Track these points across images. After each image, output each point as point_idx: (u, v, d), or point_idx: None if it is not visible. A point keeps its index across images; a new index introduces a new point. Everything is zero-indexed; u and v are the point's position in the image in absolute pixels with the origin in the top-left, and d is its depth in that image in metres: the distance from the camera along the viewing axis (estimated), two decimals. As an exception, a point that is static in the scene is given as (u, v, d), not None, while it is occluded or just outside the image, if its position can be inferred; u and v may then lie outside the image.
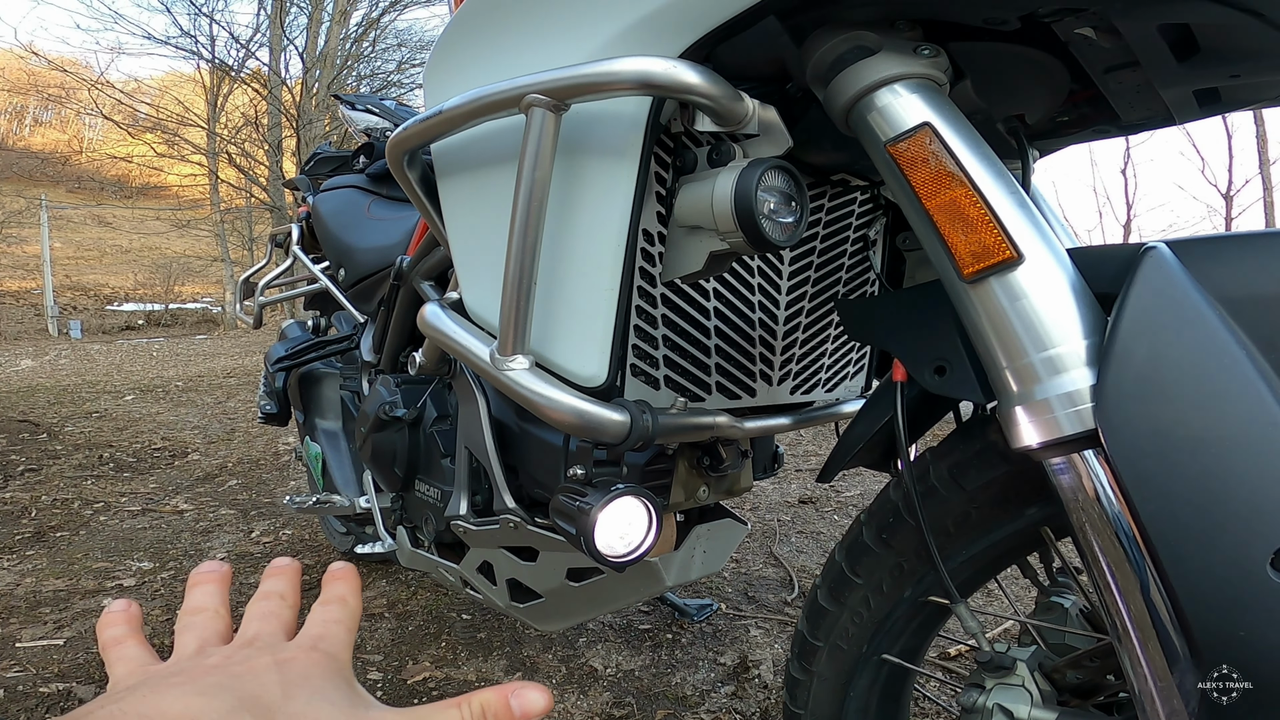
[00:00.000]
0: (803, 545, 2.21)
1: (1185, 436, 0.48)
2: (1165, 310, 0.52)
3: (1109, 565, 0.53)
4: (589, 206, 0.74)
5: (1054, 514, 0.66)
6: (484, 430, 1.03)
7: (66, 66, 14.65)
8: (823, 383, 1.06)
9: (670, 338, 0.84)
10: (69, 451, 3.62)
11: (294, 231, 1.91)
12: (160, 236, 17.81)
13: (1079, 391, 0.53)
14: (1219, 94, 0.76)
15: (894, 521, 0.74)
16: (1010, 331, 0.57)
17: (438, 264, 1.17)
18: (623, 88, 0.66)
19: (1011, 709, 0.64)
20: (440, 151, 0.87)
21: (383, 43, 13.99)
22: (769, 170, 0.67)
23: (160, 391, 5.74)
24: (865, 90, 0.64)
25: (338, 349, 1.68)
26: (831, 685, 0.83)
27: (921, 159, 0.61)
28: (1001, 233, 0.57)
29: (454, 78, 0.83)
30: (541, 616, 1.12)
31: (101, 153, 20.27)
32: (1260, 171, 10.40)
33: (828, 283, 1.03)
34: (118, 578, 2.04)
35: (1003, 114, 0.84)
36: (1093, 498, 0.53)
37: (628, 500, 0.78)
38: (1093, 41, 0.65)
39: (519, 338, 0.73)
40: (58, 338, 11.82)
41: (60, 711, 1.38)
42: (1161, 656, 0.52)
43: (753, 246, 0.66)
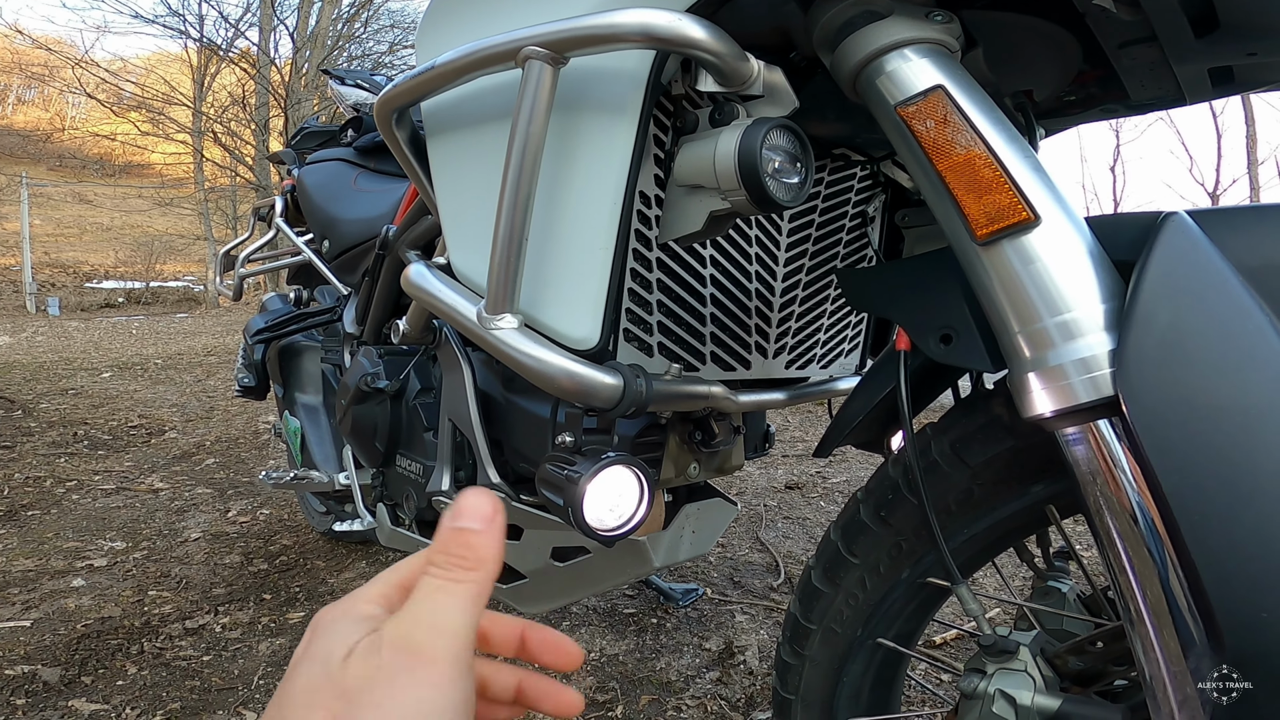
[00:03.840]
0: (789, 531, 2.19)
1: (1209, 404, 0.46)
2: (1188, 275, 0.50)
3: (1123, 543, 0.51)
4: (585, 164, 0.71)
5: (1061, 491, 0.63)
6: (469, 402, 1.00)
7: (51, 45, 14.42)
8: (818, 358, 1.04)
9: (665, 303, 0.81)
10: (43, 429, 3.55)
11: (277, 204, 1.86)
12: (142, 215, 17.58)
13: (1095, 357, 0.51)
14: (1233, 74, 0.74)
15: (893, 499, 0.72)
16: (1024, 295, 0.54)
17: (425, 233, 1.13)
18: (625, 40, 0.63)
19: (1014, 695, 0.62)
20: (431, 110, 0.84)
21: (375, 23, 13.88)
22: (774, 129, 0.65)
23: (139, 369, 5.65)
24: (875, 54, 0.62)
25: (319, 321, 1.64)
26: (824, 670, 0.81)
27: (933, 121, 0.59)
28: (1018, 194, 0.55)
29: (448, 34, 0.80)
30: (525, 598, 1.09)
31: (85, 130, 19.98)
32: (1248, 171, 10.51)
33: (825, 256, 1.01)
34: (89, 557, 1.99)
35: (1011, 89, 0.82)
36: (1108, 469, 0.51)
37: (619, 470, 0.75)
38: (1110, 14, 0.63)
39: (508, 296, 0.70)
40: (35, 315, 11.65)
41: (26, 695, 1.34)
42: (1176, 641, 0.50)
43: (755, 206, 0.64)
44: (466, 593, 0.31)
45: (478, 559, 0.32)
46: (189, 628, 1.61)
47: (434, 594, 0.31)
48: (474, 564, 0.32)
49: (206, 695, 1.37)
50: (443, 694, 0.29)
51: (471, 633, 0.31)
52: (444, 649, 0.29)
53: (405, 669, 0.29)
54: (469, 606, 0.31)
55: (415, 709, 0.28)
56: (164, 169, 18.86)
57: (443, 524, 0.33)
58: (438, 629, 0.30)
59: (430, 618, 0.30)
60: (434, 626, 0.30)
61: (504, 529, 0.33)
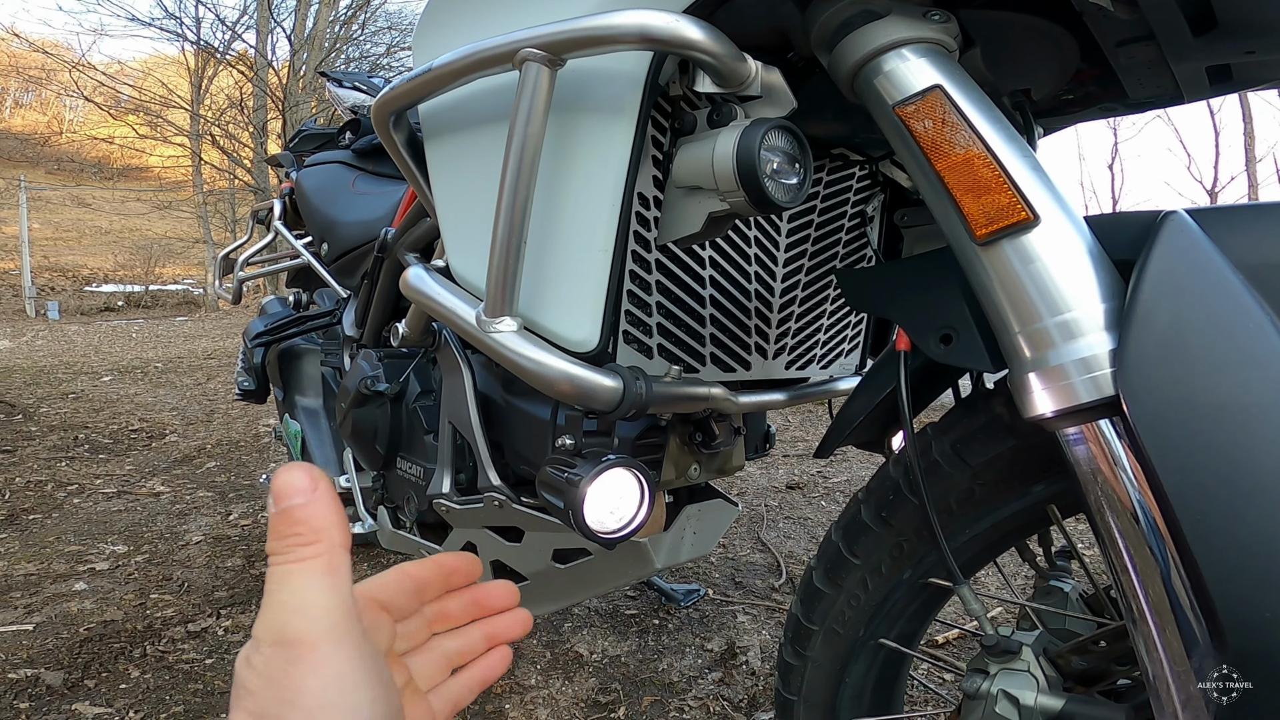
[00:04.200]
0: (790, 531, 2.19)
1: (1211, 403, 0.46)
2: (1188, 273, 0.49)
3: (1125, 542, 0.51)
4: (583, 166, 0.71)
5: (1062, 491, 0.63)
6: (469, 404, 1.00)
7: (48, 49, 14.42)
8: (818, 358, 1.04)
9: (665, 305, 0.81)
10: (44, 433, 3.55)
11: (276, 207, 1.86)
12: (141, 218, 17.58)
13: (1096, 357, 0.51)
14: (1231, 71, 0.74)
15: (894, 499, 0.72)
16: (1024, 295, 0.54)
17: (423, 235, 1.13)
18: (622, 41, 0.63)
19: (1017, 695, 0.62)
20: (429, 113, 0.83)
21: (372, 25, 13.87)
22: (772, 130, 0.64)
23: (139, 373, 5.65)
24: (872, 54, 0.62)
25: (319, 324, 1.64)
26: (826, 671, 0.80)
27: (931, 120, 0.59)
28: (1017, 194, 0.55)
29: (445, 36, 0.80)
30: (526, 599, 1.08)
31: (82, 134, 19.98)
32: (1246, 169, 10.50)
33: (824, 257, 1.00)
34: (90, 561, 1.99)
35: (1009, 88, 0.82)
36: (1109, 469, 0.51)
37: (619, 472, 0.75)
38: (1108, 12, 0.63)
39: (507, 299, 0.70)
40: (35, 319, 11.63)
41: (29, 699, 1.34)
42: (1179, 641, 0.50)
43: (754, 207, 0.64)
44: (317, 567, 0.30)
45: (313, 530, 0.31)
46: (191, 631, 1.61)
47: (285, 579, 0.30)
48: (311, 536, 0.31)
49: (209, 698, 1.37)
50: (334, 672, 0.29)
51: (343, 604, 0.30)
52: (315, 629, 0.29)
53: (285, 660, 0.28)
54: (326, 579, 0.30)
55: (319, 696, 0.28)
56: (162, 172, 18.84)
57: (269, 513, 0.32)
58: (302, 611, 0.29)
59: (292, 602, 0.29)
60: (298, 610, 0.29)
61: (332, 494, 0.32)
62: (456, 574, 0.42)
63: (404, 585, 0.40)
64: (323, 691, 0.28)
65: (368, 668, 0.30)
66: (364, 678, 0.29)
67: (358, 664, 0.29)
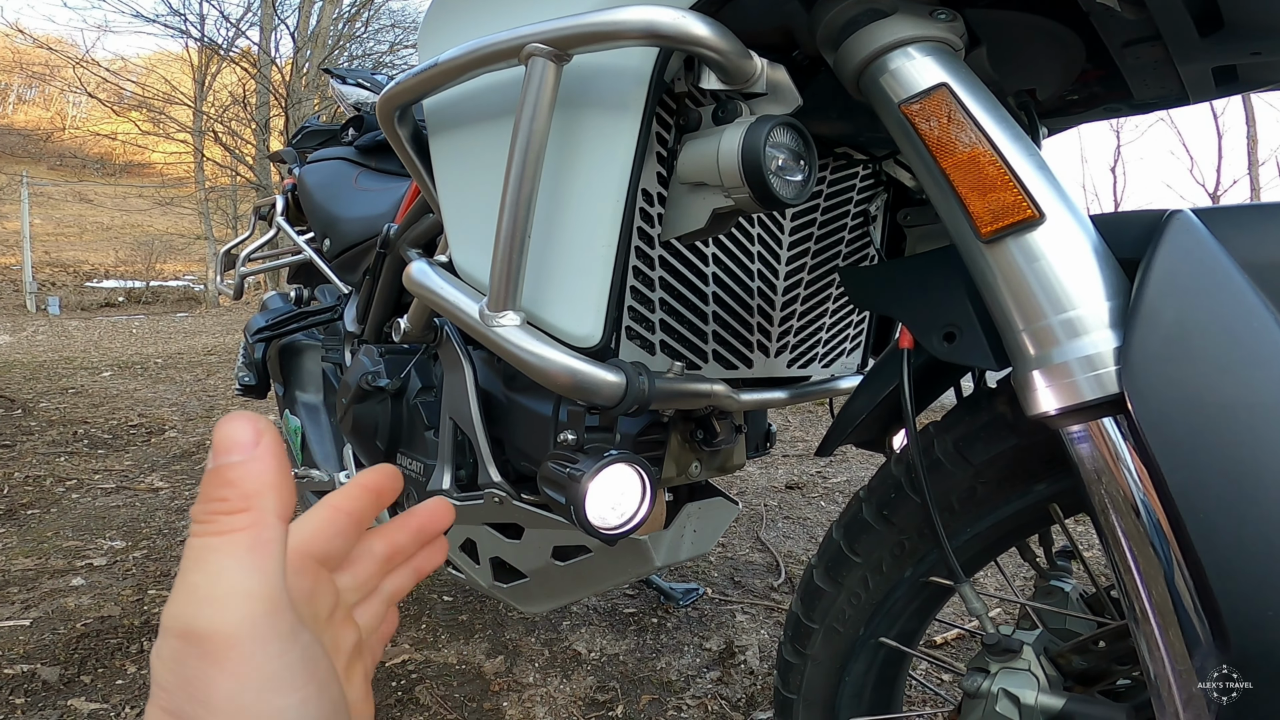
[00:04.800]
0: (789, 531, 2.19)
1: (1215, 402, 0.46)
2: (1193, 272, 0.49)
3: (1128, 541, 0.51)
4: (587, 161, 0.71)
5: (1064, 490, 0.63)
6: (470, 400, 1.00)
7: (52, 45, 14.43)
8: (819, 357, 1.04)
9: (668, 301, 0.81)
10: (43, 428, 3.55)
11: (278, 203, 1.86)
12: (143, 214, 17.58)
13: (1100, 354, 0.51)
14: (1236, 73, 0.74)
15: (896, 497, 0.72)
16: (1028, 293, 0.54)
17: (426, 231, 1.13)
18: (628, 37, 0.63)
19: (1018, 694, 0.62)
20: (433, 108, 0.83)
21: (376, 23, 13.89)
22: (777, 127, 0.64)
23: (139, 368, 5.65)
24: (878, 52, 0.62)
25: (320, 320, 1.64)
26: (826, 669, 0.80)
27: (937, 119, 0.59)
28: (1022, 192, 0.55)
29: (450, 31, 0.80)
30: (525, 597, 1.09)
31: (85, 130, 19.98)
32: (1249, 172, 10.50)
33: (827, 255, 1.00)
34: (88, 556, 1.99)
35: (1014, 88, 0.82)
36: (1113, 467, 0.51)
37: (621, 468, 0.75)
38: (1115, 13, 0.63)
39: (510, 293, 0.70)
40: (35, 314, 11.64)
41: (25, 695, 1.34)
42: (1181, 640, 0.50)
43: (759, 203, 0.64)
44: (240, 543, 0.25)
45: (243, 495, 0.25)
46: (189, 627, 1.61)
47: (202, 557, 0.25)
48: (241, 503, 0.25)
49: (206, 694, 1.36)
50: (254, 673, 0.24)
51: (268, 589, 0.25)
52: (231, 622, 0.24)
53: (196, 656, 0.24)
54: (249, 558, 0.25)
55: (235, 700, 0.24)
56: (164, 168, 18.85)
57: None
58: (216, 599, 0.24)
59: (205, 586, 0.24)
60: (211, 597, 0.24)
61: (278, 453, 0.27)
62: (384, 492, 0.37)
63: (337, 524, 0.34)
64: (240, 694, 0.24)
65: (297, 664, 0.25)
66: (292, 677, 0.25)
67: (284, 661, 0.24)
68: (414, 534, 0.39)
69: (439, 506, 0.40)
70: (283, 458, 0.27)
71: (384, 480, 0.37)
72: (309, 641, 0.26)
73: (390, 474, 0.37)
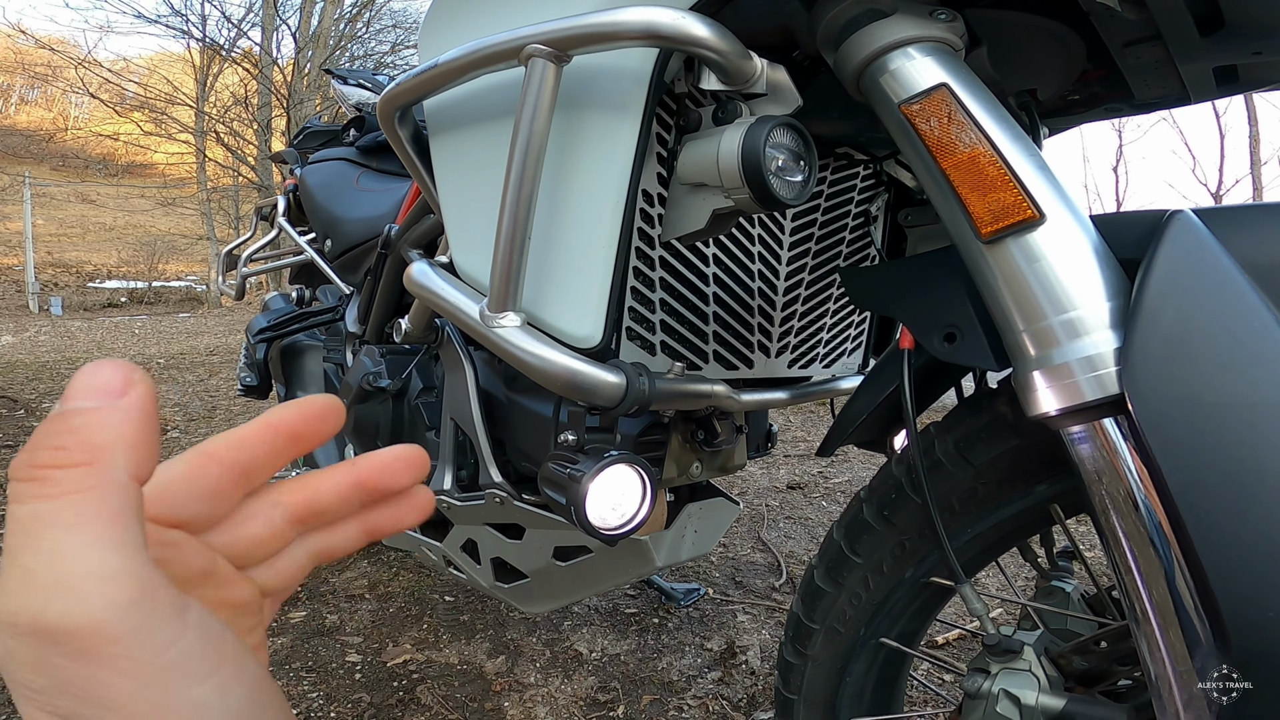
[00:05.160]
0: (791, 531, 2.19)
1: (1216, 402, 0.46)
2: (1194, 272, 0.49)
3: (1129, 541, 0.51)
4: (587, 162, 0.71)
5: (1065, 491, 0.63)
6: (471, 401, 1.00)
7: (54, 45, 14.45)
8: (820, 358, 1.04)
9: (668, 302, 0.81)
10: (46, 427, 3.55)
11: (280, 203, 1.86)
12: (145, 215, 17.61)
13: (1101, 355, 0.51)
14: (1238, 72, 0.74)
15: (897, 498, 0.72)
16: (1029, 293, 0.54)
17: (426, 232, 1.13)
18: (628, 38, 0.63)
19: (1018, 695, 0.62)
20: (434, 109, 0.84)
21: (377, 23, 13.90)
22: (777, 127, 0.64)
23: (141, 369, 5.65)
24: (878, 52, 0.62)
25: (322, 320, 1.64)
26: (826, 669, 0.80)
27: (937, 119, 0.59)
28: (1022, 192, 0.55)
29: (451, 32, 0.80)
30: (526, 597, 1.09)
31: (88, 130, 20.03)
32: (1251, 172, 10.47)
33: (828, 256, 1.00)
34: (91, 554, 1.99)
35: (1015, 88, 0.82)
36: (1114, 467, 0.50)
37: (621, 468, 0.75)
38: (1115, 13, 0.63)
39: (510, 294, 0.70)
40: (38, 314, 11.66)
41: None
42: (1182, 641, 0.49)
43: (759, 204, 0.64)
44: (84, 508, 0.19)
45: (86, 447, 0.20)
46: (191, 627, 1.61)
47: (32, 531, 0.19)
48: (82, 456, 0.19)
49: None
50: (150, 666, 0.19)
51: (133, 562, 0.19)
52: (97, 611, 0.18)
53: (65, 655, 0.19)
54: (99, 528, 0.19)
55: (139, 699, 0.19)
56: (166, 169, 18.88)
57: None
58: (67, 587, 0.18)
59: (47, 572, 0.18)
60: (59, 585, 0.18)
61: (145, 409, 0.21)
62: (300, 438, 0.27)
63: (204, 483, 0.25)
64: (143, 691, 0.19)
65: (196, 647, 0.20)
66: (196, 663, 0.20)
67: (180, 647, 0.20)
68: (346, 492, 0.29)
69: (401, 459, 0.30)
70: (151, 415, 0.21)
71: (302, 420, 0.27)
72: (203, 618, 0.21)
73: (318, 409, 0.27)
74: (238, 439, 0.26)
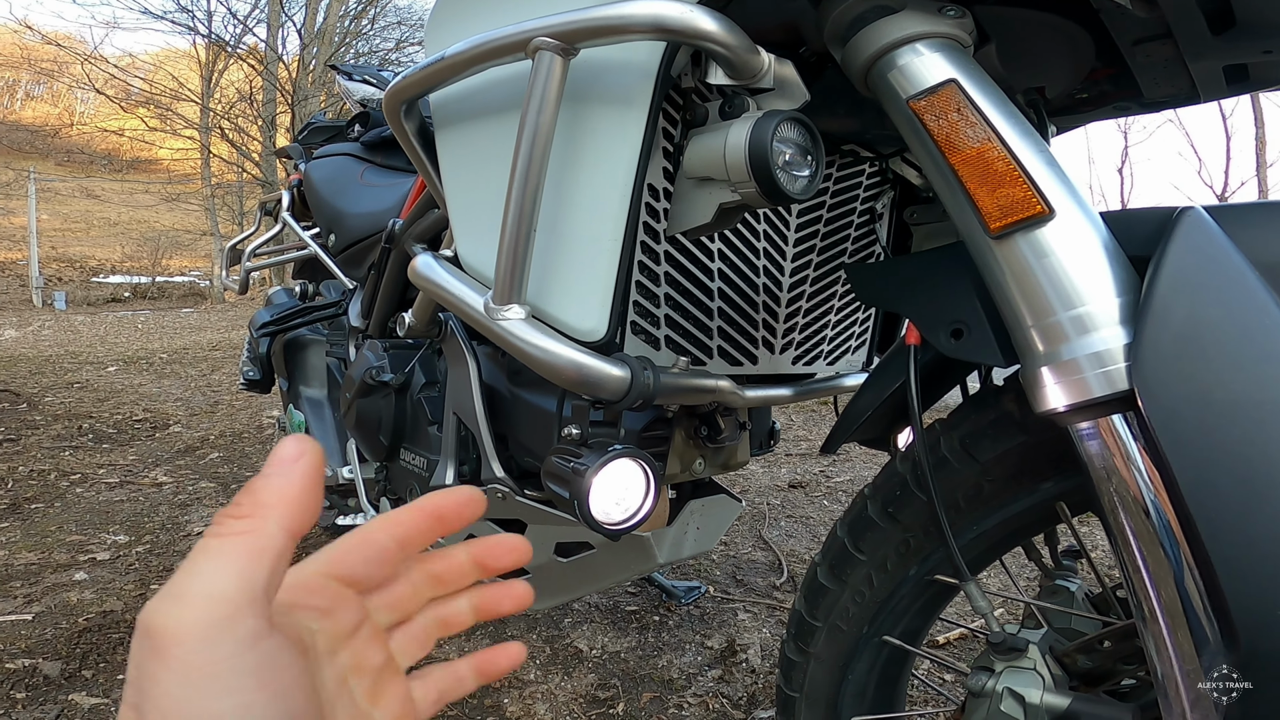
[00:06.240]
0: (792, 530, 2.18)
1: (1226, 399, 0.46)
2: (1205, 269, 0.49)
3: (1136, 538, 0.50)
4: (593, 156, 0.70)
5: (1071, 489, 0.63)
6: (474, 395, 1.00)
7: (60, 41, 14.48)
8: (824, 354, 1.04)
9: (673, 296, 0.81)
10: (48, 422, 3.56)
11: (284, 198, 1.86)
12: (149, 210, 17.64)
13: (1110, 351, 0.50)
14: (1248, 71, 0.73)
15: (901, 495, 0.71)
16: (1037, 289, 0.54)
17: (431, 226, 1.13)
18: (636, 31, 0.63)
19: (1023, 693, 0.61)
20: (440, 102, 0.83)
21: (382, 20, 13.92)
22: (785, 122, 0.64)
23: (144, 363, 5.66)
24: (887, 48, 0.61)
25: (325, 315, 1.64)
26: (828, 667, 0.80)
27: (946, 114, 0.59)
28: (1032, 187, 0.55)
29: (457, 25, 0.80)
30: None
31: (93, 126, 20.06)
32: (1257, 174, 10.45)
33: (833, 253, 1.00)
34: (91, 551, 1.99)
35: (1023, 85, 0.82)
36: (1122, 464, 0.50)
37: (625, 463, 0.75)
38: (1126, 10, 0.63)
39: (515, 286, 0.69)
40: (42, 309, 11.68)
41: (26, 689, 1.34)
42: (1189, 640, 0.49)
43: (766, 198, 0.63)
44: (235, 547, 0.26)
45: (255, 504, 0.27)
46: (191, 621, 1.61)
47: (194, 557, 0.26)
48: (249, 511, 0.27)
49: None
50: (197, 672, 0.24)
51: (238, 594, 0.25)
52: (185, 621, 0.24)
53: (148, 650, 0.24)
54: (235, 564, 0.25)
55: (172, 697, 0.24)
56: (171, 165, 18.91)
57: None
58: (182, 598, 0.24)
59: (180, 585, 0.25)
60: (179, 596, 0.24)
61: (309, 473, 0.28)
62: (448, 519, 0.35)
63: (371, 551, 0.33)
64: (177, 691, 0.24)
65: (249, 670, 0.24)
66: (239, 681, 0.24)
67: (233, 665, 0.24)
68: (463, 566, 0.37)
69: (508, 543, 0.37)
70: (314, 478, 0.28)
71: (451, 505, 0.35)
72: (274, 650, 0.26)
73: (462, 499, 0.35)
74: (395, 519, 0.34)
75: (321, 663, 0.30)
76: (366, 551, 0.33)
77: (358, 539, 0.33)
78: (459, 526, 0.35)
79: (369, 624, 0.33)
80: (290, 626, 0.29)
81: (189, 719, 0.23)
